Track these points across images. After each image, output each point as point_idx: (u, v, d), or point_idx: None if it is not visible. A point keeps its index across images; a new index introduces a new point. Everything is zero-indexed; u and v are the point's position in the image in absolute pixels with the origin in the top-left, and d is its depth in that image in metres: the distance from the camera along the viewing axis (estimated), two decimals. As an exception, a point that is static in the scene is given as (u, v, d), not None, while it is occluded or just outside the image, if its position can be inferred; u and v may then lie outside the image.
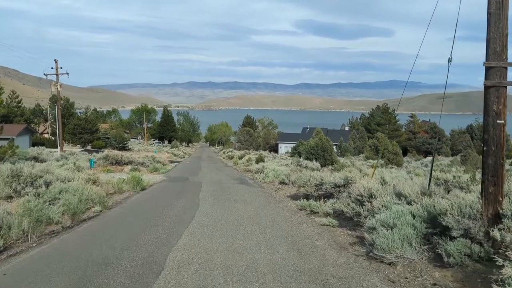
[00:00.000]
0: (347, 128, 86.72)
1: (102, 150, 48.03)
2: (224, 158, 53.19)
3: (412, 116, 78.40)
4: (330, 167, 22.18)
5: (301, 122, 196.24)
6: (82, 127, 48.62)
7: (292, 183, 16.32)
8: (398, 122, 73.52)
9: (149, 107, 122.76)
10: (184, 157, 59.73)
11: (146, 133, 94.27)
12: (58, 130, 33.88)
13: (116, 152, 27.37)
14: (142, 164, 28.76)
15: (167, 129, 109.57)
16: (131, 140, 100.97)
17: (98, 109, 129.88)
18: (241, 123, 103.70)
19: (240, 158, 42.59)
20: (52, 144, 45.66)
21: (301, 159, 31.28)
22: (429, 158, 43.42)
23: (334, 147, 69.89)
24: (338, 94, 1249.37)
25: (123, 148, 55.51)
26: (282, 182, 16.96)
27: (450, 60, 6.47)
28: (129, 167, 24.80)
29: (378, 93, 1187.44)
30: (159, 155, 44.45)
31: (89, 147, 46.57)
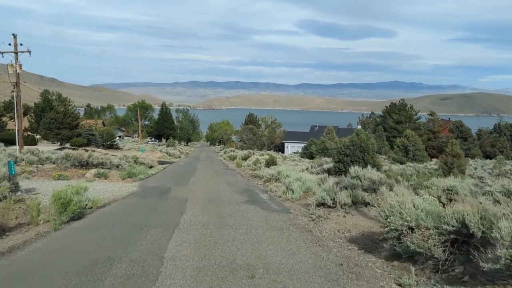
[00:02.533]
0: (359, 127, 79.83)
1: (86, 148, 41.41)
2: (225, 158, 46.39)
3: (431, 114, 71.42)
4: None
5: (304, 122, 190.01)
6: (60, 122, 41.78)
7: (344, 205, 9.54)
8: (419, 120, 66.52)
9: (146, 103, 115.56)
10: (180, 157, 53.00)
11: (141, 131, 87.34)
12: (17, 124, 27.06)
13: (80, 151, 20.58)
14: (117, 166, 21.99)
15: (165, 127, 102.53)
16: (125, 138, 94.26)
17: (95, 107, 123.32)
18: (243, 122, 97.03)
19: (244, 159, 35.75)
20: (24, 141, 38.85)
21: (316, 159, 24.45)
22: (487, 161, 36.49)
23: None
24: (339, 95, 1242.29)
25: (111, 146, 48.77)
26: (322, 203, 10.11)
27: None
28: (95, 171, 18.02)
29: (380, 94, 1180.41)
30: (148, 155, 37.69)
31: (67, 145, 39.89)
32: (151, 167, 28.97)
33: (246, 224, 8.44)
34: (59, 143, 42.13)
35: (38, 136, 46.06)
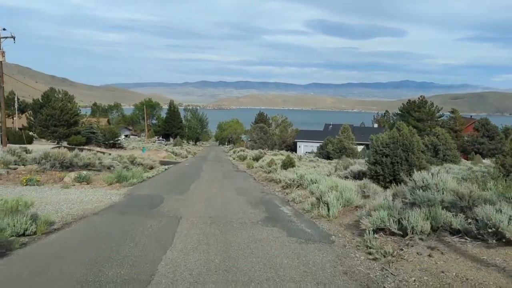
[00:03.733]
0: (376, 125, 76.04)
1: (85, 147, 38.47)
2: (234, 158, 43.03)
3: (453, 111, 67.39)
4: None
5: (314, 122, 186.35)
6: (57, 118, 38.72)
7: (421, 232, 6.08)
8: (442, 118, 62.51)
9: (154, 101, 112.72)
10: (186, 157, 49.83)
11: (148, 129, 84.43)
12: (1, 119, 23.96)
13: (63, 150, 17.35)
14: (108, 168, 18.73)
15: (173, 126, 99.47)
16: (132, 137, 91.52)
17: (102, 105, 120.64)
18: (253, 121, 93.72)
19: (256, 159, 32.35)
20: (19, 139, 35.93)
21: (342, 160, 20.90)
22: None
23: (362, 147, 59.27)
24: (349, 94, 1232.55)
25: (113, 145, 45.79)
26: (380, 228, 6.64)
27: None
28: (76, 174, 14.73)
29: (390, 93, 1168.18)
30: (149, 155, 34.51)
31: (65, 143, 36.89)
32: (151, 168, 25.85)
33: (271, 272, 5.00)
34: (56, 141, 39.16)
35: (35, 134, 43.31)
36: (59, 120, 38.70)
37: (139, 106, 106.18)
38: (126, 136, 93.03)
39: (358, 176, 17.24)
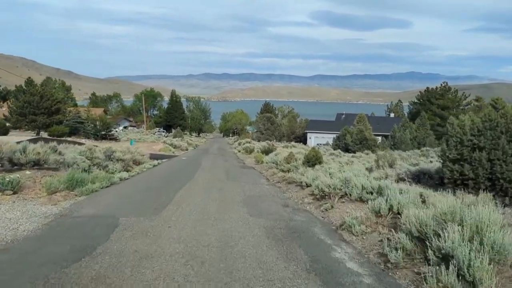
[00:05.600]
0: (392, 115, 70.62)
1: (67, 139, 33.68)
2: (239, 151, 37.95)
3: (477, 99, 61.85)
4: None
5: (320, 113, 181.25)
6: (35, 106, 33.55)
7: None
8: (469, 106, 56.92)
9: (156, 91, 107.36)
10: (187, 150, 44.88)
11: (147, 120, 79.44)
12: None
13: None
14: (70, 166, 13.65)
15: (175, 117, 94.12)
16: (130, 128, 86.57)
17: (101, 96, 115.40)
18: (258, 112, 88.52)
19: (265, 152, 27.27)
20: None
21: (385, 154, 15.70)
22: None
23: (379, 138, 53.85)
24: (354, 86, 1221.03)
25: (105, 137, 40.84)
26: None
27: None
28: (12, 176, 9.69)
29: (396, 85, 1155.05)
30: (142, 147, 29.51)
31: (45, 135, 31.94)
32: (139, 163, 21.00)
33: None
34: (35, 132, 34.21)
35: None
36: (38, 107, 33.53)
37: (139, 96, 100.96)
38: (125, 127, 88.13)
39: (419, 178, 12.11)
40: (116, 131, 70.04)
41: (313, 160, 14.13)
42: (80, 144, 20.23)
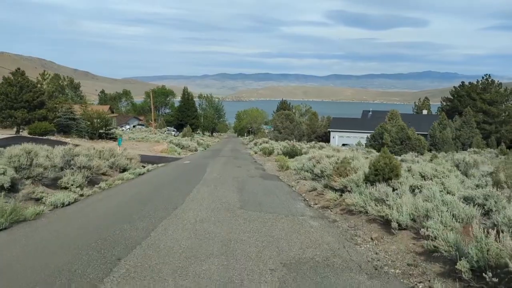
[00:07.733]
0: (425, 112, 63.98)
1: (51, 138, 28.72)
2: (256, 152, 32.25)
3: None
4: None
5: (336, 113, 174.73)
6: (13, 98, 28.29)
7: None
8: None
9: (167, 89, 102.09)
10: (195, 151, 39.49)
11: (155, 119, 74.30)
12: None
13: None
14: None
15: (187, 116, 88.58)
16: (138, 127, 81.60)
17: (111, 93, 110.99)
18: (274, 110, 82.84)
19: (290, 155, 21.51)
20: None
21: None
22: None
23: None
24: (370, 85, 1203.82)
25: (101, 136, 35.61)
26: None
27: None
28: None
29: (412, 84, 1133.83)
30: (126, 148, 24.16)
31: (24, 133, 26.70)
32: (124, 170, 15.71)
33: None
34: (16, 129, 29.08)
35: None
36: (17, 100, 28.23)
37: (149, 93, 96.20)
38: (134, 126, 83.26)
39: None
40: (123, 129, 65.02)
41: (384, 172, 8.29)
42: (63, 144, 14.89)
